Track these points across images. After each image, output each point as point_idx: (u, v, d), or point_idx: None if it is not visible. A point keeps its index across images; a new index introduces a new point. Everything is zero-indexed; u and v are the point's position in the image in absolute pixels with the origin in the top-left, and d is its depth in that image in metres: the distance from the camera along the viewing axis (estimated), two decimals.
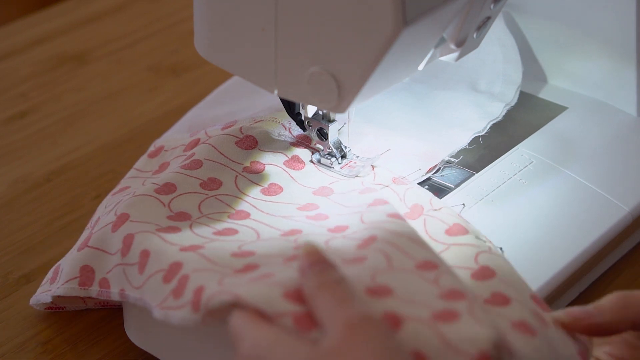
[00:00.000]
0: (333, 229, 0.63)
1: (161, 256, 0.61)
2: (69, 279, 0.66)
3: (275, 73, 0.61)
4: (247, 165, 0.70)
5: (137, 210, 0.65)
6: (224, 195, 0.67)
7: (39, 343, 0.68)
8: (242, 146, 0.70)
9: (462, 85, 0.80)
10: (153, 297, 0.59)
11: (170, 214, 0.65)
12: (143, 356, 0.65)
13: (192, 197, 0.67)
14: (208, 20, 0.63)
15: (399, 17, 0.54)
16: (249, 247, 0.61)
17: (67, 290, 0.65)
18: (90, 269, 0.65)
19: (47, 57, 1.04)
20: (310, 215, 0.66)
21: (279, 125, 0.72)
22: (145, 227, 0.63)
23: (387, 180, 0.69)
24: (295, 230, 0.64)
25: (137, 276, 0.61)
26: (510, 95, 0.78)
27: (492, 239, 0.64)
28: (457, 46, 0.62)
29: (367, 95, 0.59)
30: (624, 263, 0.74)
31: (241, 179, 0.69)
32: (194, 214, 0.65)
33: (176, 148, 0.74)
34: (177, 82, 1.00)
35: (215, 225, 0.64)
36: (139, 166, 0.76)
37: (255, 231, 0.64)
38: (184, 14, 1.12)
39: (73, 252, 0.66)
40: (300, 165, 0.70)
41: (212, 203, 0.67)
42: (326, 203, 0.67)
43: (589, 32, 0.78)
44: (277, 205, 0.67)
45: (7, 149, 0.89)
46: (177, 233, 0.63)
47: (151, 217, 0.64)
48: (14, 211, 0.81)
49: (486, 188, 0.71)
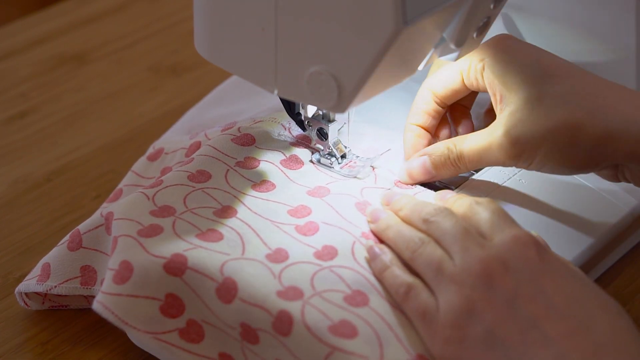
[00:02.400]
0: (320, 252, 0.62)
1: (148, 279, 0.61)
2: (69, 279, 0.66)
3: (275, 73, 0.60)
4: (240, 160, 0.69)
5: (120, 206, 0.65)
6: (211, 189, 0.66)
7: (39, 343, 0.67)
8: (238, 142, 0.70)
9: None
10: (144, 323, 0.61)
11: (153, 208, 0.64)
12: (143, 356, 0.65)
13: (178, 189, 0.66)
14: (208, 20, 0.63)
15: (399, 17, 0.54)
16: (231, 269, 0.61)
17: (69, 289, 0.66)
18: (92, 269, 0.66)
19: (47, 57, 1.04)
20: (299, 226, 0.64)
21: (278, 125, 0.72)
22: (127, 227, 0.63)
23: (389, 182, 0.69)
24: (281, 252, 0.62)
25: (112, 284, 0.61)
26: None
27: None
28: (457, 46, 0.62)
29: (367, 95, 0.59)
30: (624, 263, 0.74)
31: (232, 173, 0.68)
32: (179, 208, 0.64)
33: (177, 151, 0.74)
34: (177, 82, 1.00)
35: (200, 224, 0.64)
36: (138, 169, 0.76)
37: (240, 239, 0.63)
38: (184, 14, 1.12)
39: (63, 250, 0.67)
40: (297, 166, 0.69)
41: (199, 196, 0.66)
42: (320, 206, 0.66)
43: (589, 32, 0.78)
44: (267, 204, 0.66)
45: (7, 149, 0.89)
46: (159, 236, 0.62)
47: (134, 213, 0.64)
48: (14, 211, 0.81)
49: (486, 188, 0.71)
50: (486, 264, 0.56)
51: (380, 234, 0.63)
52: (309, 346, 0.57)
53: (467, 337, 0.55)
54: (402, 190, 0.68)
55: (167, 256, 0.61)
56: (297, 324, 0.58)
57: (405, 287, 0.59)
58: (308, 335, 0.57)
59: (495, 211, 0.60)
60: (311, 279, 0.60)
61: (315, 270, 0.61)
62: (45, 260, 0.67)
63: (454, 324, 0.56)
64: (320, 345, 0.57)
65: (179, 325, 0.61)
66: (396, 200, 0.64)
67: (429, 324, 0.57)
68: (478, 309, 0.55)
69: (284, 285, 0.60)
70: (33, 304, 0.69)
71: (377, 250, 0.61)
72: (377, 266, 0.61)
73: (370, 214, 0.64)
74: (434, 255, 0.59)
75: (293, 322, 0.58)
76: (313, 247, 0.62)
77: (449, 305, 0.56)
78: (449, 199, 0.64)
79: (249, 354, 0.60)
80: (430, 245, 0.59)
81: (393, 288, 0.59)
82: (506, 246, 0.57)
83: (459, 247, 0.58)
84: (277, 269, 0.61)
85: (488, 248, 0.57)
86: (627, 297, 0.71)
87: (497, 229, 0.59)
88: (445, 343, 0.56)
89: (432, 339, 0.57)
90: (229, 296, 0.59)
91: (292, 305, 0.58)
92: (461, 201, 0.62)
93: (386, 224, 0.63)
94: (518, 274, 0.56)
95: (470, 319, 0.55)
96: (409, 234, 0.61)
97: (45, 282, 0.66)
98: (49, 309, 0.69)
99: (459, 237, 0.58)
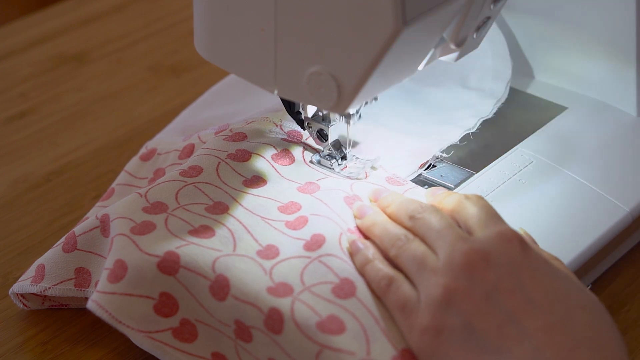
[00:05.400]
0: (309, 242, 0.62)
1: (142, 278, 0.61)
2: (63, 280, 0.66)
3: (275, 73, 0.60)
4: (231, 152, 0.69)
5: (116, 206, 0.65)
6: (203, 184, 0.66)
7: (39, 343, 0.68)
8: (229, 140, 0.70)
9: (452, 82, 0.80)
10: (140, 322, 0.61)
11: (146, 204, 0.65)
12: (143, 356, 0.65)
13: (169, 185, 0.66)
14: (208, 20, 0.63)
15: (399, 17, 0.54)
16: (223, 265, 0.61)
17: (62, 291, 0.66)
18: (86, 271, 0.66)
19: (47, 57, 1.04)
20: (289, 222, 0.65)
21: (270, 123, 0.72)
22: (121, 226, 0.63)
23: (381, 179, 0.69)
24: (272, 248, 0.62)
25: (106, 283, 0.61)
26: (501, 90, 0.79)
27: None
28: (457, 46, 0.62)
29: (367, 95, 0.59)
30: (624, 263, 0.74)
31: (223, 166, 0.68)
32: (171, 205, 0.65)
33: (170, 153, 0.74)
34: (176, 82, 1.00)
35: (192, 221, 0.64)
36: (131, 169, 0.76)
37: (232, 235, 0.63)
38: (184, 14, 1.12)
39: (58, 252, 0.67)
40: (288, 161, 0.70)
41: (190, 191, 0.66)
42: (309, 202, 0.66)
43: (589, 32, 0.78)
44: (258, 200, 0.66)
45: (7, 149, 0.89)
46: (151, 233, 0.62)
47: (127, 210, 0.64)
48: (14, 211, 0.81)
49: (486, 188, 0.71)
50: (468, 257, 0.56)
51: (366, 231, 0.63)
52: (300, 344, 0.58)
53: (445, 328, 0.55)
54: (393, 187, 0.68)
55: (160, 254, 0.61)
56: (287, 321, 0.58)
57: (387, 279, 0.59)
58: (298, 333, 0.58)
59: (483, 207, 0.61)
60: (301, 274, 0.60)
61: (305, 264, 0.61)
62: (40, 262, 0.68)
63: (433, 315, 0.56)
64: (311, 344, 0.57)
65: (172, 325, 0.61)
66: (384, 197, 0.65)
67: (408, 315, 0.57)
68: (457, 300, 0.55)
69: (274, 281, 0.60)
70: (32, 304, 0.69)
71: (359, 245, 0.62)
72: (359, 260, 0.61)
73: (357, 209, 0.65)
74: (418, 250, 0.59)
75: (284, 319, 0.58)
76: (302, 239, 0.63)
77: (429, 296, 0.56)
78: (439, 195, 0.64)
79: (243, 353, 0.60)
80: (415, 242, 0.60)
81: (375, 281, 0.60)
82: (490, 241, 0.57)
83: (443, 242, 0.58)
84: (268, 266, 0.61)
85: (471, 242, 0.57)
86: (627, 297, 0.71)
87: (483, 225, 0.59)
88: (423, 334, 0.56)
89: (410, 330, 0.57)
90: (222, 293, 0.60)
91: (282, 302, 0.59)
92: (451, 197, 0.63)
93: (372, 221, 0.63)
94: (499, 268, 0.56)
95: (448, 310, 0.55)
96: (395, 231, 0.61)
97: (39, 283, 0.67)
98: (49, 308, 0.69)
99: (444, 233, 0.59)
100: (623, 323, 0.69)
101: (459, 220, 0.61)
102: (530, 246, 0.58)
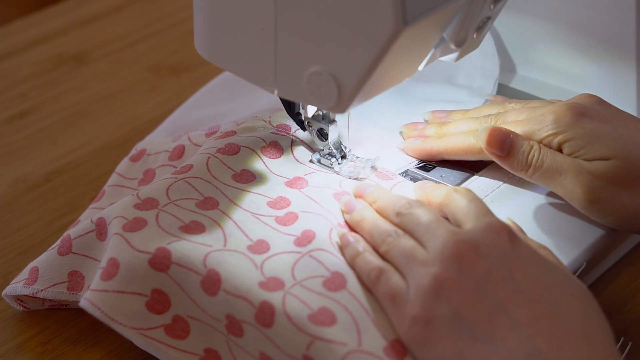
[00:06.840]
0: (300, 237, 0.63)
1: (134, 275, 0.61)
2: (56, 283, 0.66)
3: (275, 73, 0.60)
4: (221, 147, 0.69)
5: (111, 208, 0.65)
6: (193, 178, 0.67)
7: (39, 343, 0.68)
8: (220, 138, 0.70)
9: (440, 79, 0.80)
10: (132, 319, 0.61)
11: (137, 201, 0.65)
12: (143, 356, 0.65)
13: (161, 181, 0.67)
14: (208, 20, 0.63)
15: (399, 17, 0.54)
16: (214, 260, 0.61)
17: (55, 294, 0.66)
18: (80, 274, 0.66)
19: (47, 57, 1.04)
20: (279, 217, 0.65)
21: (259, 120, 0.73)
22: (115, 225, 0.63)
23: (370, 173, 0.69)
24: (262, 243, 0.63)
25: (99, 281, 0.61)
26: (489, 89, 0.79)
27: None
28: (457, 46, 0.62)
29: (367, 95, 0.59)
30: (624, 263, 0.74)
31: (213, 160, 0.68)
32: (162, 201, 0.65)
33: (160, 153, 0.75)
34: (176, 82, 1.00)
35: (182, 217, 0.64)
36: (121, 170, 0.76)
37: (222, 231, 0.63)
38: (184, 14, 1.12)
39: (53, 255, 0.67)
40: (276, 154, 0.70)
41: (181, 187, 0.66)
42: (298, 198, 0.66)
43: (589, 32, 0.78)
44: (247, 195, 0.66)
45: (7, 149, 0.89)
46: (143, 230, 0.63)
47: (121, 209, 0.64)
48: (14, 211, 0.81)
49: (486, 188, 0.71)
50: (457, 248, 0.57)
51: (355, 226, 0.63)
52: (291, 337, 0.58)
53: (435, 318, 0.55)
54: (382, 181, 0.68)
55: (152, 251, 0.61)
56: (278, 315, 0.58)
57: (377, 271, 0.59)
58: (289, 325, 0.58)
59: (472, 199, 0.61)
60: (292, 269, 0.61)
61: (296, 260, 0.61)
62: (34, 264, 0.68)
63: (422, 305, 0.56)
64: (302, 335, 0.57)
65: (164, 322, 0.62)
66: (369, 192, 0.65)
67: (398, 306, 0.57)
68: (446, 290, 0.56)
69: (265, 276, 0.60)
70: (32, 304, 0.69)
71: (350, 238, 0.62)
72: (349, 252, 0.61)
73: (344, 204, 0.65)
74: (407, 245, 0.59)
75: (275, 313, 0.58)
76: (293, 235, 0.63)
77: (418, 286, 0.56)
78: (428, 187, 0.64)
79: (235, 348, 0.60)
80: (405, 237, 0.60)
81: (365, 273, 0.60)
82: (479, 233, 0.57)
83: (432, 235, 0.58)
84: (259, 260, 0.61)
85: (460, 234, 0.58)
86: (627, 297, 0.71)
87: (472, 217, 0.59)
88: (413, 324, 0.56)
89: (400, 321, 0.57)
90: (213, 288, 0.60)
91: (273, 296, 0.59)
92: (439, 190, 0.63)
93: (361, 216, 0.63)
94: (489, 259, 0.56)
95: (438, 300, 0.56)
96: (385, 227, 0.61)
97: (32, 285, 0.67)
98: (49, 308, 0.69)
99: (432, 227, 0.59)
100: (623, 323, 0.69)
101: (447, 213, 0.61)
102: (519, 237, 0.58)
